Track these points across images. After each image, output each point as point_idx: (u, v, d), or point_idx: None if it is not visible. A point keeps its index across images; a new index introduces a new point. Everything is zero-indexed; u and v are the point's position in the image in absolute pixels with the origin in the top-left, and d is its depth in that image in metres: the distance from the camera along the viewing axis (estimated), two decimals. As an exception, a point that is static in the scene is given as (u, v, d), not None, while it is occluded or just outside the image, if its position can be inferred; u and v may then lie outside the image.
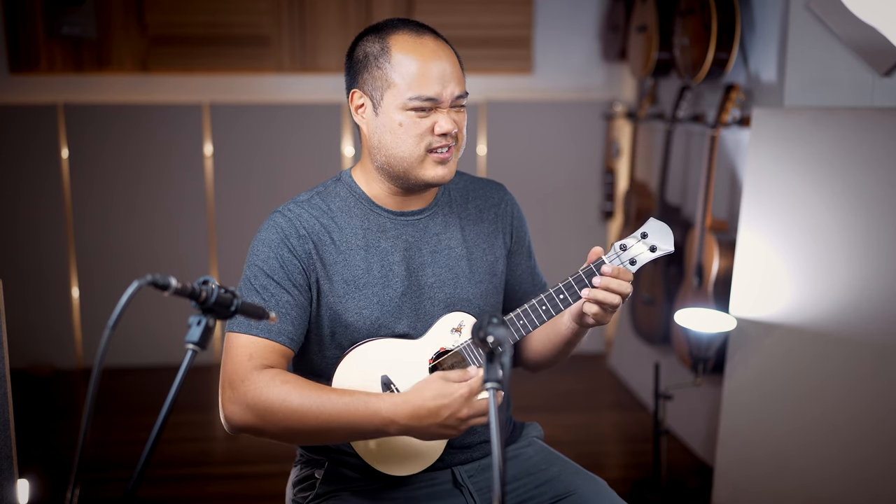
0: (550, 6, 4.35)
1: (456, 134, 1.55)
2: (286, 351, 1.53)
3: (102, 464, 3.19)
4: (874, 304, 2.47)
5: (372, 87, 1.55)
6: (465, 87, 1.57)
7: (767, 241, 2.67)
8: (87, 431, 1.09)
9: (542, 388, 3.89)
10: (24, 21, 4.06)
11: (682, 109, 3.34)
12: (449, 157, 1.56)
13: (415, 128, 1.52)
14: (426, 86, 1.51)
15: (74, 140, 4.16)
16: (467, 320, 1.60)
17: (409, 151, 1.54)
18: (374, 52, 1.54)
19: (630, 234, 1.56)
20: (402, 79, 1.51)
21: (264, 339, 1.50)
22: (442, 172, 1.56)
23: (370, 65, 1.54)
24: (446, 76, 1.52)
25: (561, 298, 1.54)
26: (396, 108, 1.52)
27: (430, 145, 1.53)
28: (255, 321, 1.46)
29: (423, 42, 1.54)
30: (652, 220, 1.55)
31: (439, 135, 1.53)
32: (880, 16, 2.56)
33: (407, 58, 1.52)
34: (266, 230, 1.58)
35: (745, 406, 2.70)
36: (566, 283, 1.54)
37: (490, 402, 1.11)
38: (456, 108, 1.55)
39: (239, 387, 1.47)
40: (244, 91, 4.27)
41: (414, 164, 1.55)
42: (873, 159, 2.50)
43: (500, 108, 4.35)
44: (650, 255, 1.54)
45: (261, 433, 1.48)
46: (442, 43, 1.56)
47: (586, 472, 1.67)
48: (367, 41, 1.57)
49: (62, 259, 4.23)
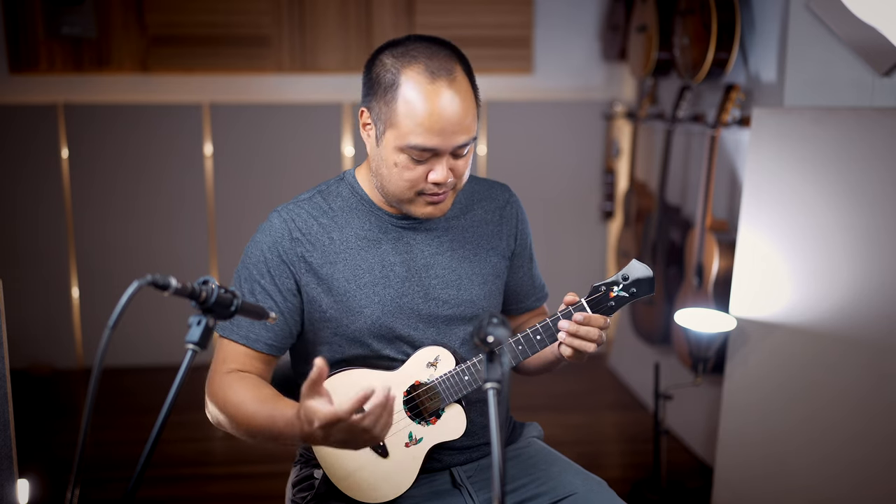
0: (550, 6, 4.35)
1: (454, 182, 1.52)
2: (264, 357, 1.57)
3: (102, 464, 3.19)
4: (874, 303, 2.46)
5: (377, 116, 1.50)
6: (475, 131, 1.51)
7: (767, 241, 2.67)
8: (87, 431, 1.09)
9: (543, 388, 3.89)
10: (24, 21, 4.06)
11: (682, 109, 3.33)
12: (442, 199, 1.53)
13: (409, 172, 1.49)
14: (427, 137, 1.46)
15: (74, 140, 4.16)
16: (443, 355, 1.58)
17: (401, 191, 1.52)
18: (386, 82, 1.48)
19: (611, 277, 1.55)
20: (405, 122, 1.46)
21: (241, 345, 1.55)
22: (431, 210, 1.55)
23: (379, 93, 1.49)
24: (452, 128, 1.46)
25: (538, 339, 1.55)
26: (395, 149, 1.49)
27: (423, 190, 1.51)
28: (240, 324, 1.54)
29: (436, 88, 1.45)
30: (635, 263, 1.55)
31: (433, 182, 1.50)
32: (880, 16, 2.56)
33: (414, 103, 1.45)
34: (260, 232, 1.60)
35: (745, 406, 2.70)
36: (544, 324, 1.54)
37: (490, 402, 1.11)
38: (458, 155, 1.51)
39: (209, 387, 1.56)
40: (244, 91, 4.27)
41: (404, 201, 1.54)
42: (873, 159, 2.50)
43: (500, 108, 4.35)
44: (629, 299, 1.54)
45: (226, 430, 1.55)
46: (458, 87, 1.47)
47: (586, 472, 1.67)
48: (385, 62, 1.50)
49: (62, 259, 4.23)
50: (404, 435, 1.57)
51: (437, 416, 1.58)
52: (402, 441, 1.58)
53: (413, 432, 1.58)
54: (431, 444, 1.58)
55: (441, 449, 1.61)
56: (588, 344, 1.49)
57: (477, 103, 1.52)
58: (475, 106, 1.51)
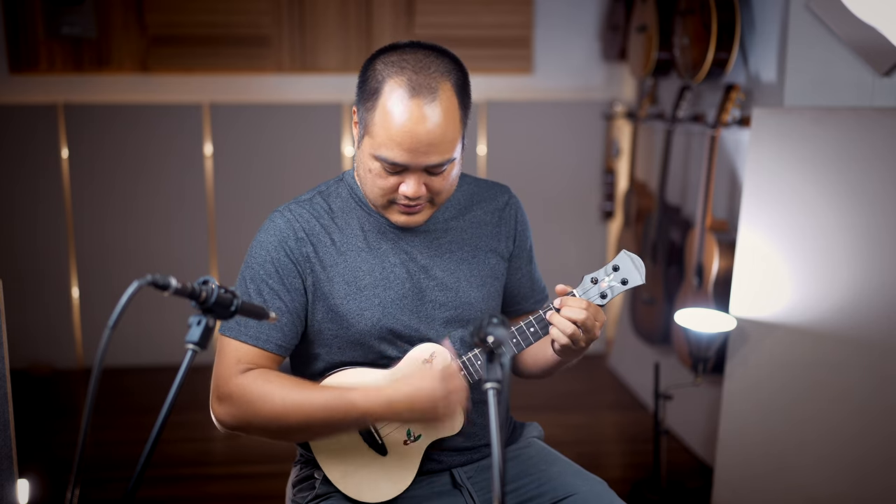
0: (550, 6, 4.35)
1: (430, 197, 1.52)
2: (274, 357, 1.56)
3: (102, 464, 3.19)
4: (874, 303, 2.47)
5: (361, 118, 1.51)
6: (453, 153, 1.48)
7: (767, 241, 2.67)
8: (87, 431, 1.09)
9: (543, 388, 3.89)
10: (24, 21, 4.06)
11: (682, 109, 3.33)
12: (416, 211, 1.53)
13: (381, 181, 1.49)
14: (397, 152, 1.45)
15: (74, 140, 4.16)
16: (438, 351, 1.58)
17: (375, 196, 1.53)
18: (371, 88, 1.47)
19: (601, 268, 1.56)
20: (379, 132, 1.45)
21: (252, 345, 1.53)
22: (405, 220, 1.54)
23: (364, 97, 1.49)
24: (423, 148, 1.44)
25: (532, 332, 1.55)
26: (369, 155, 1.49)
27: (395, 199, 1.51)
28: (248, 325, 1.52)
29: (414, 105, 1.43)
30: (624, 253, 1.56)
31: (403, 195, 1.49)
32: (880, 16, 2.56)
33: (390, 115, 1.44)
34: (264, 232, 1.59)
35: (745, 406, 2.70)
36: (537, 316, 1.54)
37: (490, 402, 1.11)
38: (433, 172, 1.49)
39: (224, 388, 1.51)
40: (244, 91, 4.27)
41: (379, 206, 1.55)
42: (873, 159, 2.50)
43: (500, 108, 4.35)
44: (621, 288, 1.55)
45: (248, 430, 1.52)
46: (440, 106, 1.44)
47: (586, 472, 1.67)
48: (376, 67, 1.49)
49: (62, 259, 4.23)
50: (402, 432, 1.58)
51: None
52: (401, 438, 1.58)
53: (411, 429, 1.58)
54: (430, 440, 1.59)
55: (441, 450, 1.61)
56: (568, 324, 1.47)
57: (464, 122, 1.50)
58: (458, 127, 1.48)
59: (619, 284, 1.55)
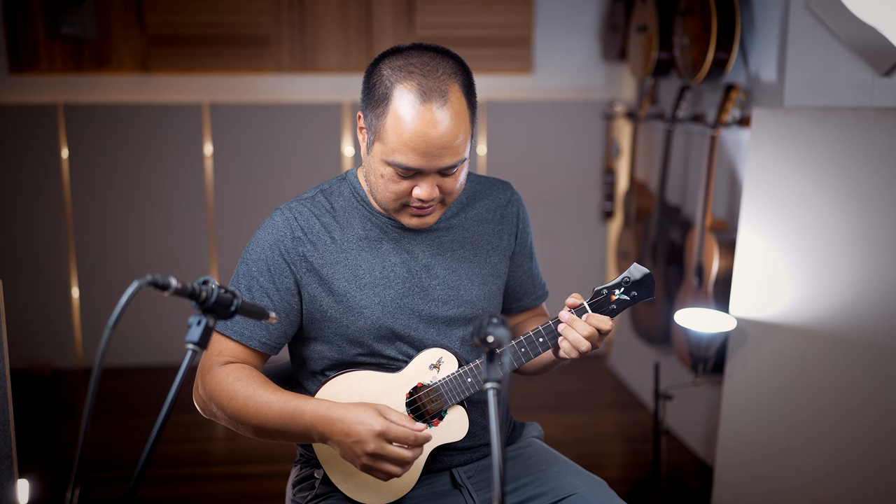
0: (550, 6, 4.35)
1: (442, 198, 1.53)
2: (256, 354, 1.58)
3: (102, 464, 3.19)
4: (874, 303, 2.46)
5: (369, 125, 1.51)
6: (464, 153, 1.49)
7: (767, 241, 2.67)
8: (87, 431, 1.09)
9: (543, 388, 3.89)
10: (24, 21, 4.06)
11: (682, 109, 3.33)
12: (428, 212, 1.54)
13: (394, 185, 1.50)
14: (411, 157, 1.45)
15: (74, 140, 4.16)
16: (446, 356, 1.58)
17: (387, 201, 1.54)
18: (380, 94, 1.47)
19: (613, 280, 1.57)
20: (391, 138, 1.45)
21: (234, 341, 1.56)
22: (417, 222, 1.55)
23: (373, 103, 1.48)
24: (437, 151, 1.45)
25: (541, 342, 1.56)
26: (381, 161, 1.49)
27: (408, 203, 1.52)
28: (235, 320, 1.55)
29: (426, 110, 1.43)
30: (635, 267, 1.57)
31: (417, 198, 1.50)
32: (880, 16, 2.56)
33: (402, 121, 1.44)
34: (263, 229, 1.60)
35: (745, 406, 2.70)
36: (546, 326, 1.55)
37: (490, 402, 1.11)
38: (445, 174, 1.50)
39: (202, 377, 1.57)
40: (244, 91, 4.27)
41: (391, 210, 1.56)
42: (873, 159, 2.50)
43: (500, 108, 4.35)
44: (631, 302, 1.56)
45: (215, 420, 1.58)
46: (450, 109, 1.45)
47: (586, 472, 1.67)
48: (383, 73, 1.48)
49: (62, 259, 4.23)
50: None
51: (439, 418, 1.58)
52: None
53: None
54: (434, 445, 1.58)
55: (442, 450, 1.61)
56: (583, 341, 1.51)
57: (473, 121, 1.51)
58: (468, 127, 1.49)
59: (628, 298, 1.56)
